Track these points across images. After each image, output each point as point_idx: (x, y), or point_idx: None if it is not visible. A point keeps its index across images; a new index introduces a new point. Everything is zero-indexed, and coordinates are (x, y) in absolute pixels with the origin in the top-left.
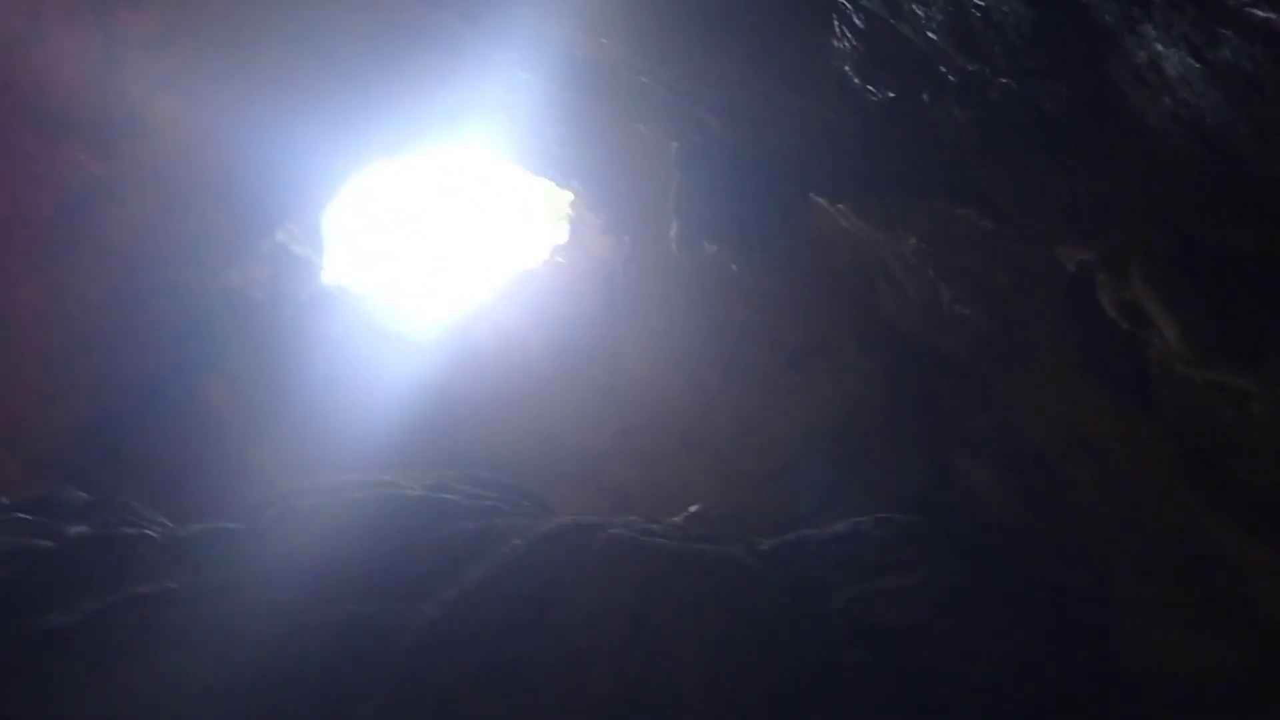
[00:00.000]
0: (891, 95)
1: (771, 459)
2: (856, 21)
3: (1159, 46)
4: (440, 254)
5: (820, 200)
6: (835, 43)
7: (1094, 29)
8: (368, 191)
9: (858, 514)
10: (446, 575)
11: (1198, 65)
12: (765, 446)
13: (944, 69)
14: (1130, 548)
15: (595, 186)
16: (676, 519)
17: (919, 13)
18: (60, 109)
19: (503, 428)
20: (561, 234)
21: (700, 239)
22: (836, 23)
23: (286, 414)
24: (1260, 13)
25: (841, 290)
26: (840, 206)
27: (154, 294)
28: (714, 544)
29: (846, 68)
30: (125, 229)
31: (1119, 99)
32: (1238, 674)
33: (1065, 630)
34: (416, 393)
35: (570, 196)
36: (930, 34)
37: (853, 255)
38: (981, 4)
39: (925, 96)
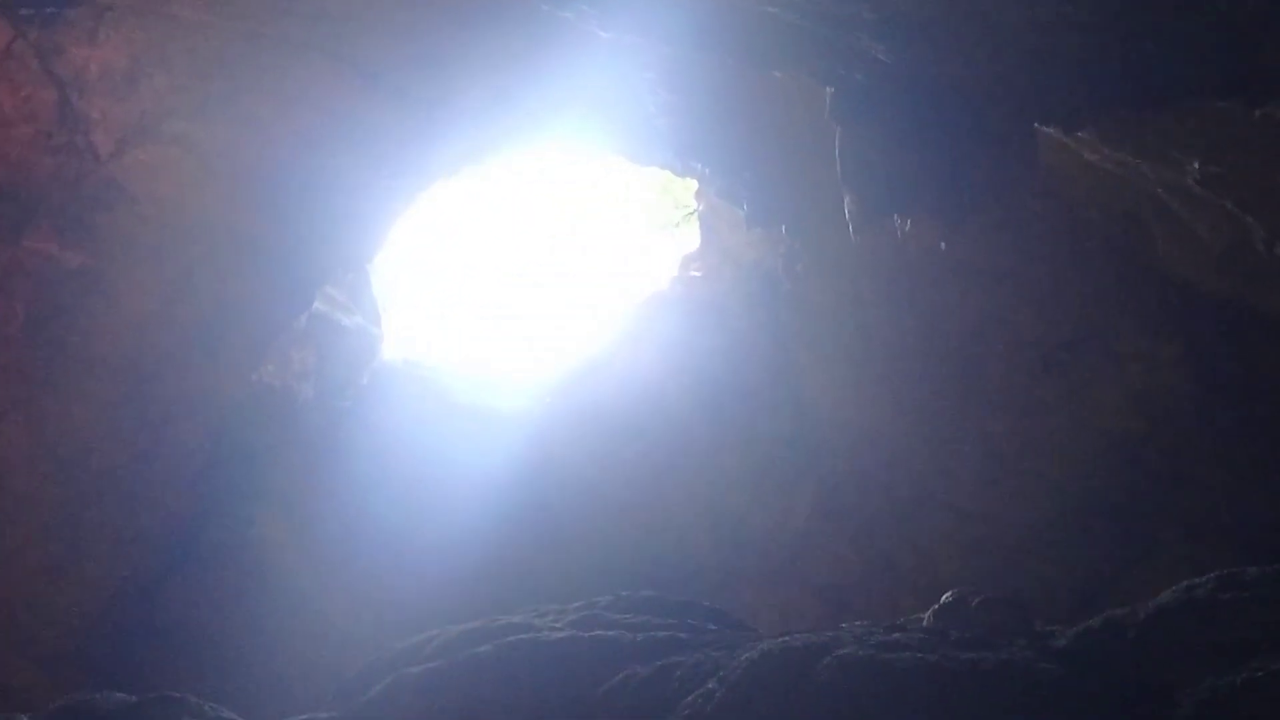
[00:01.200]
0: None
1: (1040, 508)
2: None
3: None
4: (529, 294)
5: (1049, 131)
6: None
7: None
8: (427, 224)
9: (1185, 573)
10: None
11: None
12: (1027, 492)
13: None
14: None
15: (727, 165)
16: (923, 616)
17: None
18: (14, 190)
19: (645, 514)
20: (689, 238)
21: (886, 211)
22: None
23: (364, 540)
24: None
25: (1098, 249)
26: (1081, 135)
27: (168, 410)
28: (988, 648)
29: None
30: (119, 330)
31: None
32: None
33: None
34: (523, 481)
35: (694, 185)
36: None
37: (1107, 198)
38: None
39: None
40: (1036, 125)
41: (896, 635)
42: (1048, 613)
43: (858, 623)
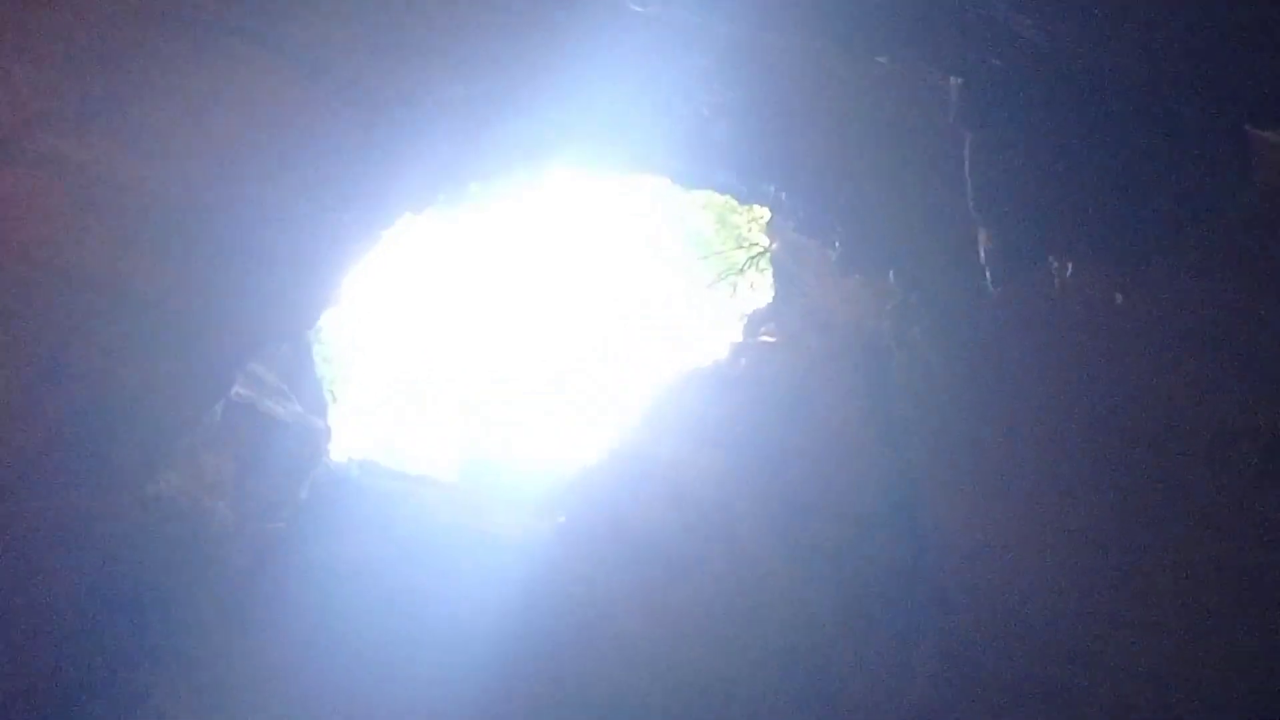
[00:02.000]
0: None
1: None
2: None
3: None
4: (533, 367)
5: (1267, 135)
6: None
7: None
8: (394, 273)
9: None
10: None
11: None
12: (1251, 657)
13: None
14: None
15: (811, 188)
16: None
17: None
18: None
19: (693, 673)
20: (758, 289)
21: (1036, 251)
22: None
23: (306, 717)
24: None
25: None
26: None
27: (28, 542)
28: None
29: None
30: None
31: None
32: None
33: None
34: (526, 631)
35: (763, 215)
36: None
37: None
38: None
39: None
40: (1249, 128)
41: None
42: None
43: None
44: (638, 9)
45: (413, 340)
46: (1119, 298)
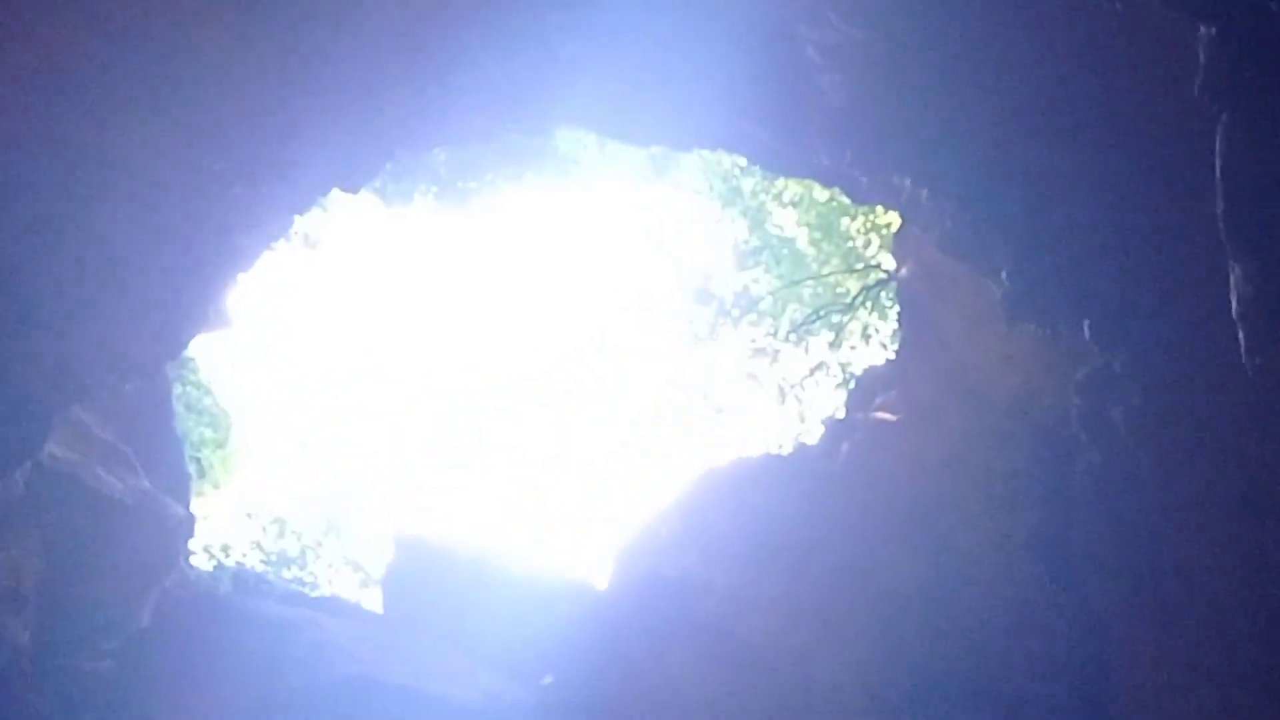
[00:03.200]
0: None
1: None
2: None
3: None
4: (500, 421)
5: None
6: None
7: None
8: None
9: None
10: None
11: None
12: None
13: None
14: None
15: (969, 185)
16: None
17: None
18: None
19: None
20: (874, 336)
21: None
22: None
23: None
24: None
25: None
26: None
27: None
28: None
29: None
30: None
31: None
32: None
33: None
34: None
35: (891, 223)
36: None
37: None
38: None
39: None
40: None
41: None
42: None
43: None
44: None
45: (332, 385)
46: None
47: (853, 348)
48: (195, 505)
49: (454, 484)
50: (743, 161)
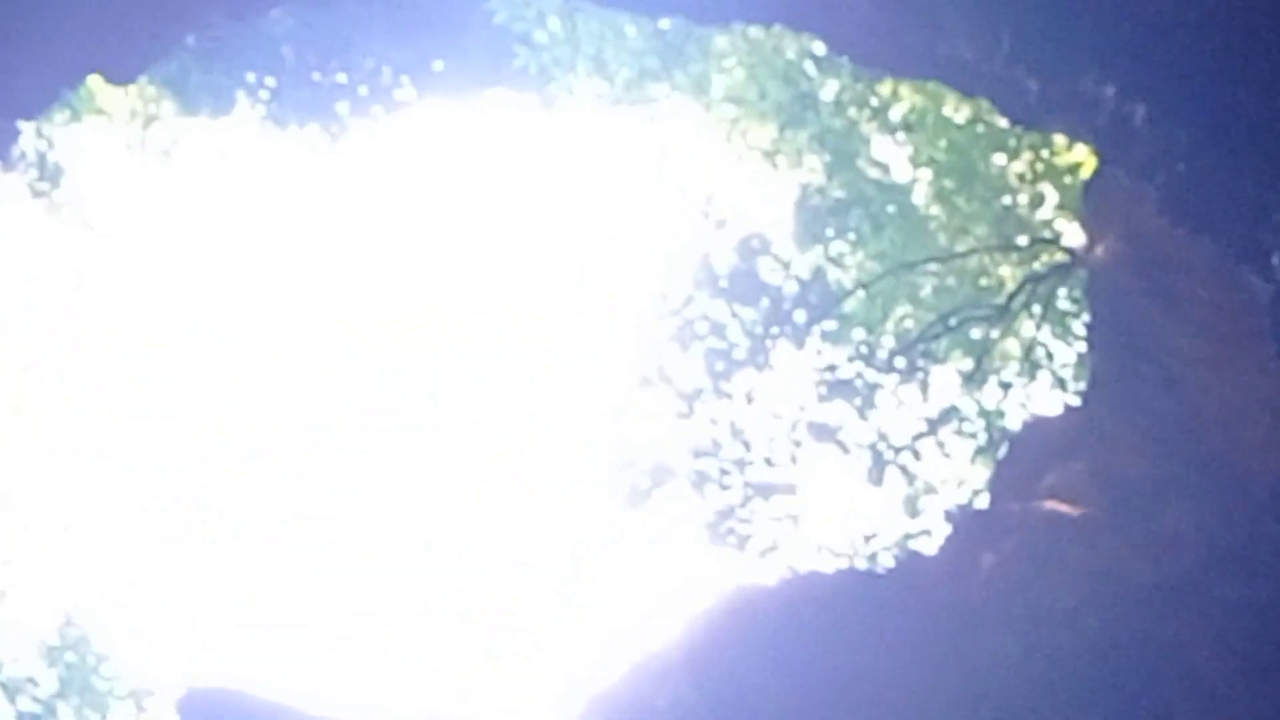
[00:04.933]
0: None
1: None
2: None
3: None
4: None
5: None
6: None
7: None
8: None
9: None
10: None
11: None
12: None
13: None
14: None
15: (1224, 97)
16: None
17: None
18: None
19: None
20: (1054, 368)
21: None
22: None
23: None
24: None
25: None
26: None
27: None
28: None
29: None
30: None
31: None
32: None
33: None
34: None
35: (1078, 175)
36: None
37: None
38: None
39: None
40: None
41: None
42: None
43: None
44: None
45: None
46: None
47: (1006, 384)
48: None
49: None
50: (820, 48)
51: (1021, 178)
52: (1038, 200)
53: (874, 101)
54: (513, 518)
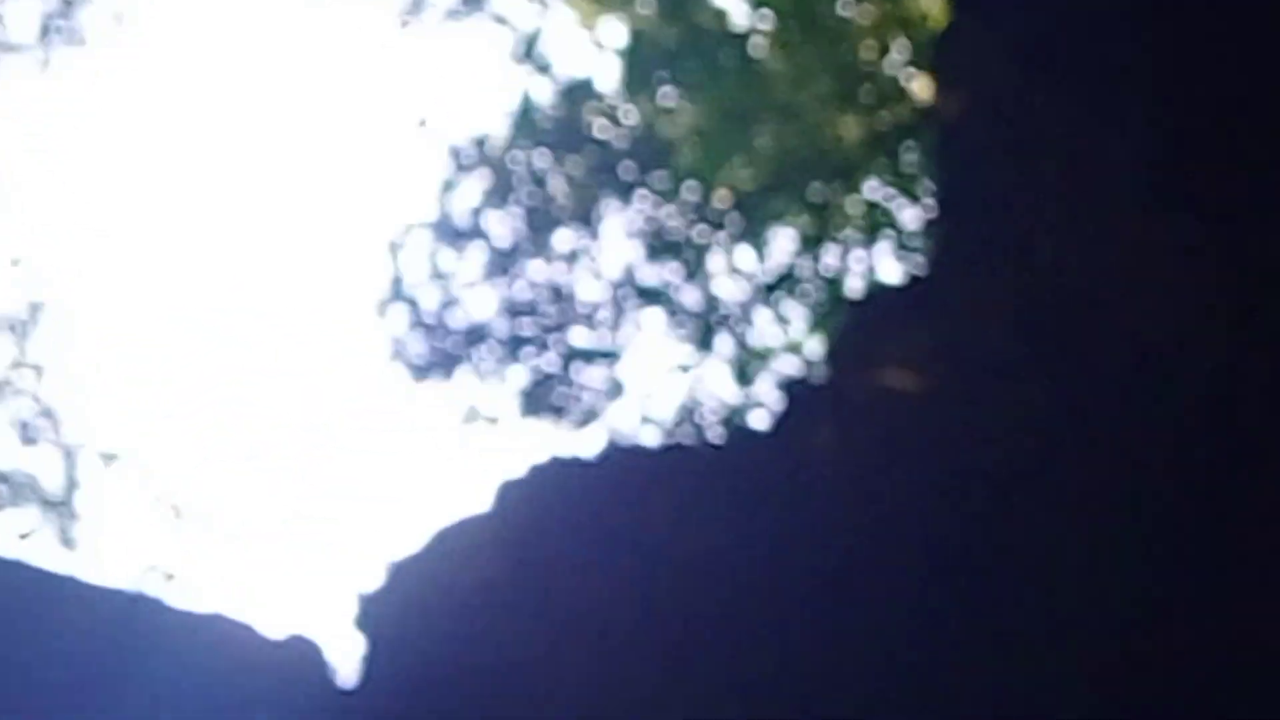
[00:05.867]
0: None
1: None
2: None
3: None
4: None
5: None
6: None
7: None
8: None
9: None
10: None
11: None
12: None
13: None
14: None
15: None
16: None
17: None
18: None
19: None
20: (898, 234)
21: None
22: None
23: None
24: None
25: None
26: None
27: None
28: None
29: None
30: None
31: None
32: None
33: None
34: None
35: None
36: None
37: None
38: None
39: None
40: None
41: None
42: None
43: None
44: None
45: None
46: None
47: (847, 248)
48: None
49: None
50: None
51: (868, 28)
52: (885, 53)
53: None
54: (319, 379)
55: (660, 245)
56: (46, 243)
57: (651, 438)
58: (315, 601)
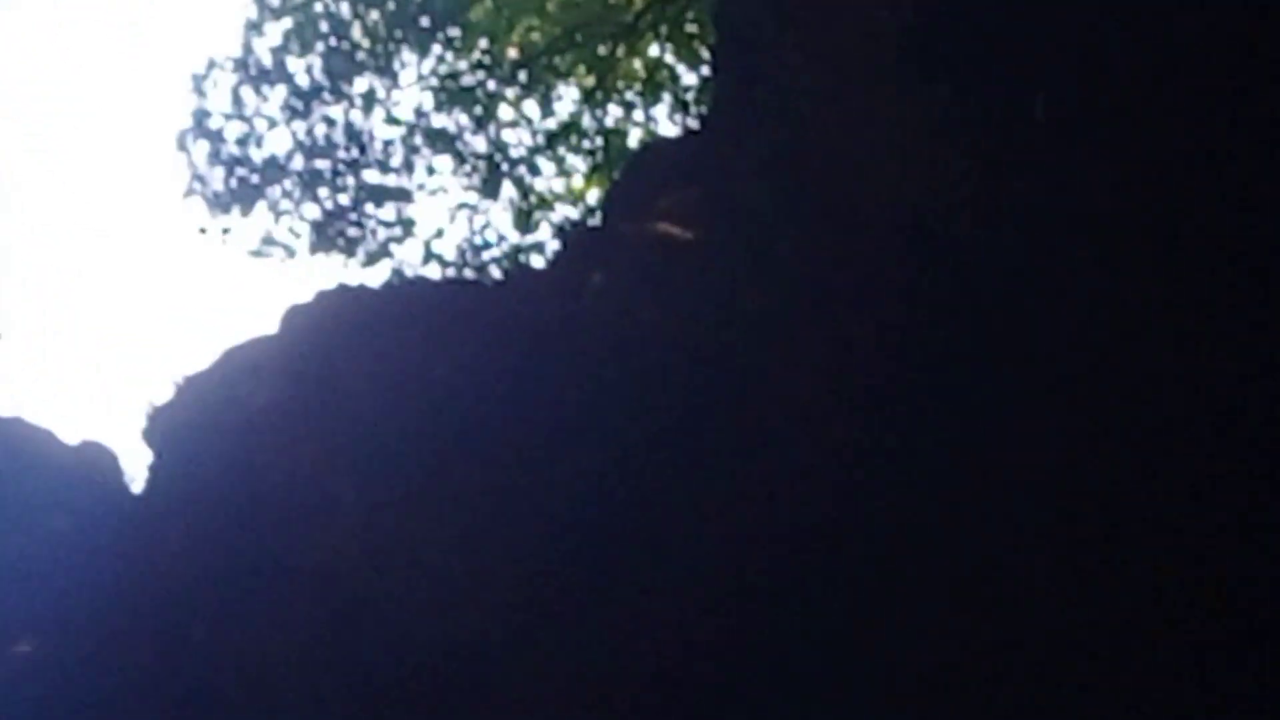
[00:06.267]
0: None
1: None
2: None
3: None
4: None
5: None
6: None
7: None
8: None
9: None
10: None
11: None
12: None
13: None
14: None
15: None
16: None
17: None
18: None
19: None
20: (677, 93)
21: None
22: None
23: None
24: None
25: None
26: None
27: None
28: None
29: None
30: None
31: None
32: None
33: None
34: None
35: None
36: None
37: None
38: None
39: None
40: None
41: None
42: None
43: None
44: None
45: None
46: None
47: (629, 104)
48: None
49: None
50: None
51: None
52: None
53: None
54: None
55: (453, 94)
56: None
57: (435, 273)
58: (109, 410)
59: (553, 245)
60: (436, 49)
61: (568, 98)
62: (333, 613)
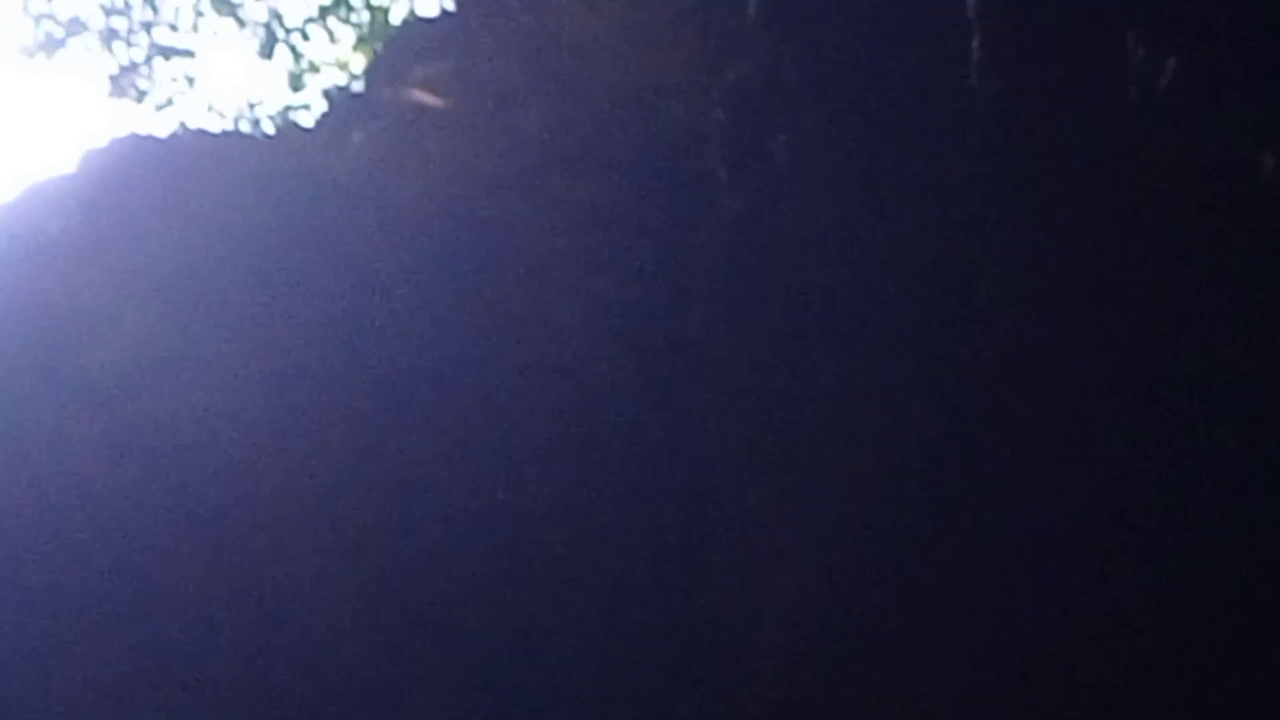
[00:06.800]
0: None
1: None
2: None
3: None
4: None
5: None
6: None
7: None
8: None
9: None
10: None
11: None
12: None
13: None
14: None
15: None
16: None
17: None
18: None
19: None
20: None
21: None
22: None
23: None
24: None
25: None
26: None
27: None
28: None
29: None
30: None
31: None
32: None
33: None
34: None
35: None
36: None
37: None
38: None
39: None
40: None
41: None
42: None
43: None
44: None
45: None
46: None
47: None
48: None
49: None
50: None
51: None
52: None
53: None
54: None
55: None
56: None
57: (215, 125)
58: None
59: (319, 106)
60: None
61: None
62: (111, 415)
